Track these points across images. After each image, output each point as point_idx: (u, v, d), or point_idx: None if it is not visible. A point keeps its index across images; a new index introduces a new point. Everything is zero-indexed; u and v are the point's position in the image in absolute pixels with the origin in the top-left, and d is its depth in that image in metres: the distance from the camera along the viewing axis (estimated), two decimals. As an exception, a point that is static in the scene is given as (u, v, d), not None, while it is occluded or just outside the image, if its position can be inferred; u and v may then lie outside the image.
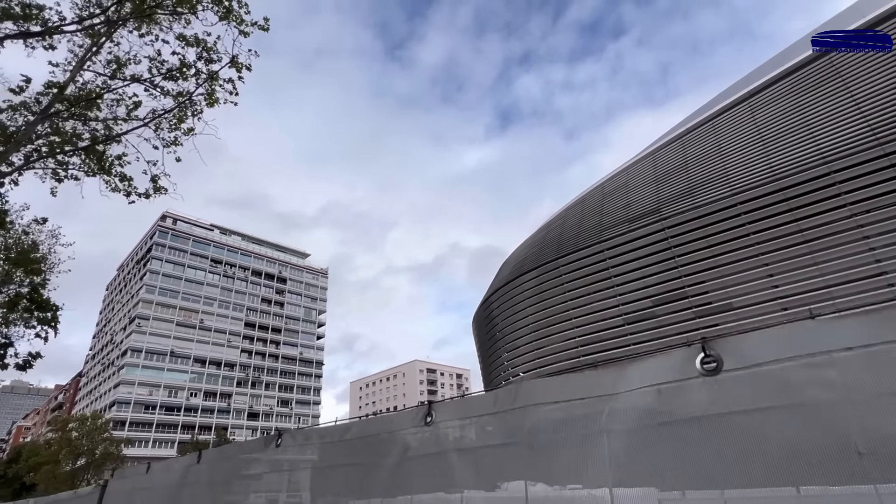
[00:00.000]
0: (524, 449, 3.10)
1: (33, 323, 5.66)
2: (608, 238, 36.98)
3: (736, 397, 2.45)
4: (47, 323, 5.73)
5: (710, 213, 31.26)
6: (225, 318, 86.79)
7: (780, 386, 2.33)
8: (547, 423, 3.10)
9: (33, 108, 6.99)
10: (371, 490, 3.62)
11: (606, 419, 3.01)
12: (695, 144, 35.06)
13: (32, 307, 5.62)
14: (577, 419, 3.16)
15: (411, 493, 3.34)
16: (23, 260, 5.91)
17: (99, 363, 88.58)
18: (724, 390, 2.51)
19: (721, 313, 29.78)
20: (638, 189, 37.25)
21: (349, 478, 3.75)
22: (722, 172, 31.64)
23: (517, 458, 3.13)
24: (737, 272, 30.05)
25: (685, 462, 2.60)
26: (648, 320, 33.51)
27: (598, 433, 2.87)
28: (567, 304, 39.21)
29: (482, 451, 3.26)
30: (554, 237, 43.24)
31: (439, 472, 3.22)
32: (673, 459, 2.61)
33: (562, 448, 3.13)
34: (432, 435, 3.37)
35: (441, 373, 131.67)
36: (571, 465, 2.98)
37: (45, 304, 5.67)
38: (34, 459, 65.00)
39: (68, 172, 7.01)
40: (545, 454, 3.09)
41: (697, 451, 2.60)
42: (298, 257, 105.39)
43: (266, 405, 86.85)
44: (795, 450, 2.24)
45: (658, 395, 2.83)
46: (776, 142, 29.99)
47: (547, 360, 39.94)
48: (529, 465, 3.06)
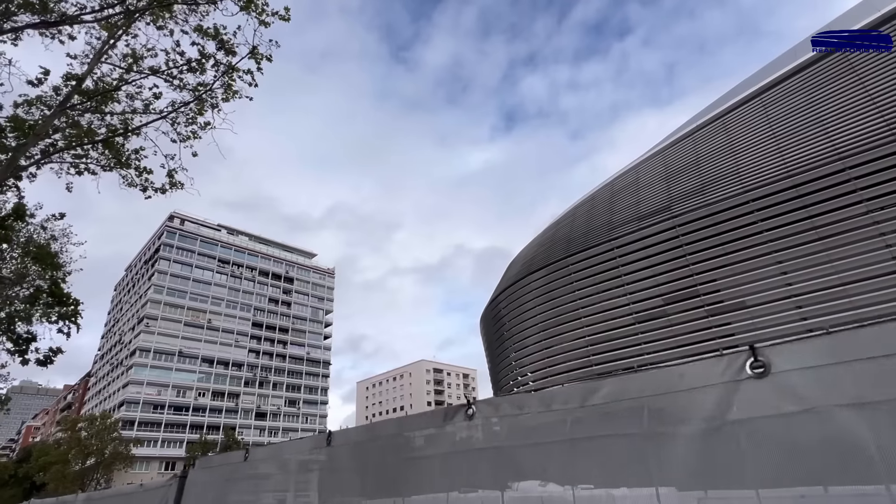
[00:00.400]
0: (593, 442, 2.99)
1: (53, 318, 5.57)
2: (618, 236, 36.73)
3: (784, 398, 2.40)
4: (68, 318, 5.63)
5: (722, 211, 30.96)
6: (232, 318, 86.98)
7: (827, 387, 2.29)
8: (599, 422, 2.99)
9: (50, 102, 6.91)
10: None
11: (663, 417, 2.89)
12: (706, 141, 34.77)
13: (53, 301, 5.54)
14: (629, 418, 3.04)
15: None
16: (42, 255, 5.82)
17: (108, 363, 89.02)
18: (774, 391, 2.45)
19: (733, 312, 29.49)
20: (648, 187, 36.98)
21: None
22: (734, 169, 31.33)
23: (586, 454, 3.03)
24: (750, 270, 29.74)
25: (753, 462, 2.46)
26: (659, 319, 33.24)
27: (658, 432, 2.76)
28: (576, 304, 38.97)
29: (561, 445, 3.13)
30: (563, 235, 43.02)
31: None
32: (734, 459, 2.50)
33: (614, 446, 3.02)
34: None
35: (448, 373, 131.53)
36: (625, 465, 2.86)
37: (66, 298, 5.58)
38: (44, 459, 65.43)
39: (88, 166, 6.92)
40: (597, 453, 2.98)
41: (761, 451, 2.44)
42: (305, 257, 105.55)
43: (274, 405, 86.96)
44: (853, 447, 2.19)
45: (713, 395, 2.68)
46: (789, 138, 29.66)
47: (556, 360, 39.74)
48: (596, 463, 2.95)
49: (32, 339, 5.56)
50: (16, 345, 5.42)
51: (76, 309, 5.70)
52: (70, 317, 5.81)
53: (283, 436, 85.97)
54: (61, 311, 5.61)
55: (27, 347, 5.43)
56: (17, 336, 5.32)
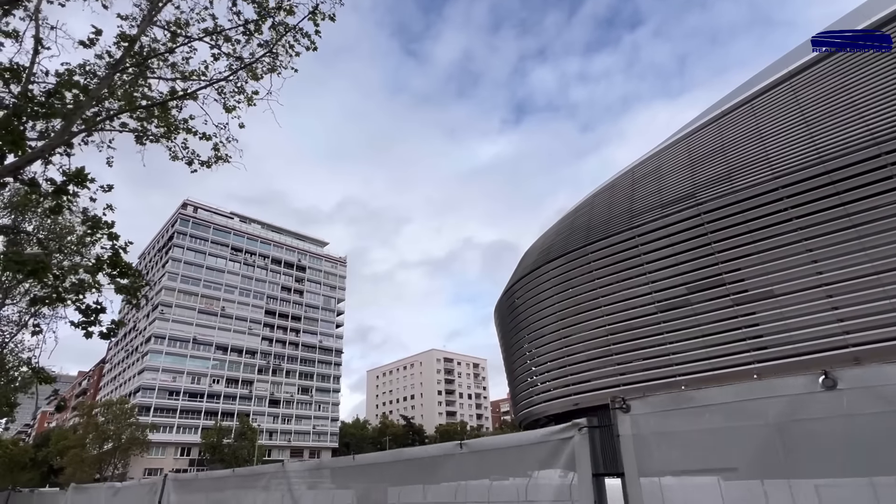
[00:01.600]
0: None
1: (113, 289, 5.29)
2: (640, 224, 36.14)
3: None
4: (127, 291, 5.35)
5: (751, 198, 30.30)
6: (246, 306, 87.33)
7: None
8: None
9: (96, 70, 6.59)
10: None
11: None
12: (732, 127, 33.97)
13: (115, 273, 5.25)
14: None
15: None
16: (97, 223, 5.52)
17: (122, 350, 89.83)
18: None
19: (761, 301, 28.95)
20: (671, 174, 36.29)
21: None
22: (763, 155, 30.60)
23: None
24: (778, 258, 29.12)
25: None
26: (683, 308, 32.74)
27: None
28: (596, 292, 38.50)
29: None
30: (582, 223, 42.43)
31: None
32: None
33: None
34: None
35: (458, 362, 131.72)
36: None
37: (128, 268, 5.29)
38: (63, 443, 66.30)
39: (141, 133, 6.62)
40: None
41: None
42: (317, 245, 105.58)
43: (287, 392, 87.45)
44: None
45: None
46: (821, 122, 28.85)
47: (574, 349, 39.39)
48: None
49: (102, 311, 5.27)
50: (85, 316, 5.13)
51: (138, 281, 5.40)
52: (134, 290, 5.51)
53: (297, 423, 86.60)
54: (120, 284, 5.31)
55: (96, 318, 5.13)
56: (86, 307, 5.02)
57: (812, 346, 26.78)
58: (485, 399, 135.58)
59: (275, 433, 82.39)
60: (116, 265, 5.10)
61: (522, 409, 48.61)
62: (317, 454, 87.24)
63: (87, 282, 5.17)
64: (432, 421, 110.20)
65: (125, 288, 5.33)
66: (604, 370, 36.40)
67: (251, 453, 65.27)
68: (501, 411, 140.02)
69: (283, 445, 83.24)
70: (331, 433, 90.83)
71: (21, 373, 22.80)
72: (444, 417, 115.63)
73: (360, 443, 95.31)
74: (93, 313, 5.11)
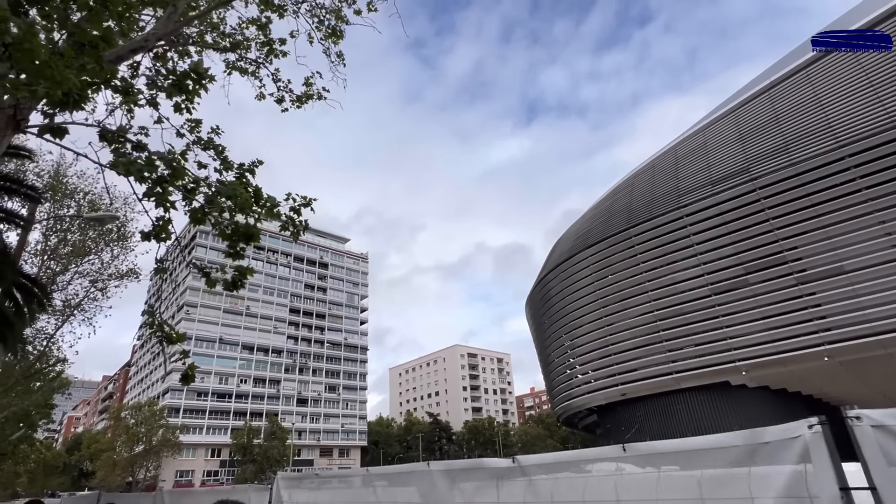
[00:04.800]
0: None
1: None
2: (688, 203, 34.46)
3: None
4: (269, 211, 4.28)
5: (812, 170, 28.52)
6: (270, 305, 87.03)
7: None
8: None
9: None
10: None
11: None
12: (786, 96, 32.12)
13: (252, 201, 4.16)
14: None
15: None
16: (210, 143, 4.45)
17: (148, 352, 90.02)
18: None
19: (829, 278, 27.19)
20: (720, 149, 34.54)
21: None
22: (824, 123, 28.75)
23: None
24: (847, 232, 27.34)
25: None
26: (741, 289, 31.07)
27: None
28: (641, 276, 36.92)
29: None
30: (622, 206, 40.79)
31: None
32: None
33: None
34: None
35: (482, 357, 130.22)
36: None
37: (257, 194, 4.15)
38: (95, 447, 66.35)
39: (241, 57, 5.60)
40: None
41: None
42: (339, 242, 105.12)
43: (314, 391, 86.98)
44: None
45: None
46: (891, 85, 26.91)
47: (618, 337, 37.84)
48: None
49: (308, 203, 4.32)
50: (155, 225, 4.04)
51: (274, 202, 4.31)
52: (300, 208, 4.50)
53: (325, 422, 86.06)
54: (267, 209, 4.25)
55: (166, 227, 4.05)
56: (159, 217, 3.95)
57: (888, 324, 24.99)
58: (510, 394, 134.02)
59: (303, 432, 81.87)
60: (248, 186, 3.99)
61: (560, 402, 47.13)
62: (346, 453, 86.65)
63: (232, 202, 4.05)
64: (458, 417, 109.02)
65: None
66: (652, 357, 34.86)
67: (282, 453, 64.67)
68: (525, 406, 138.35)
69: (312, 445, 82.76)
70: (359, 431, 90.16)
71: (57, 372, 22.00)
72: (469, 414, 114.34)
73: (387, 440, 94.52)
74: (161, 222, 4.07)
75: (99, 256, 16.19)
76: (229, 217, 4.35)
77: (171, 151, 4.18)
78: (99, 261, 16.28)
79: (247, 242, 4.54)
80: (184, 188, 4.15)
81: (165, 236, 4.41)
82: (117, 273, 16.61)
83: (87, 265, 16.19)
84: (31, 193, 9.61)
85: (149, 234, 4.44)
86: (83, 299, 16.09)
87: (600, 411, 42.61)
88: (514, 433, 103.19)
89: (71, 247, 15.24)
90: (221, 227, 4.41)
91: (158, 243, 4.51)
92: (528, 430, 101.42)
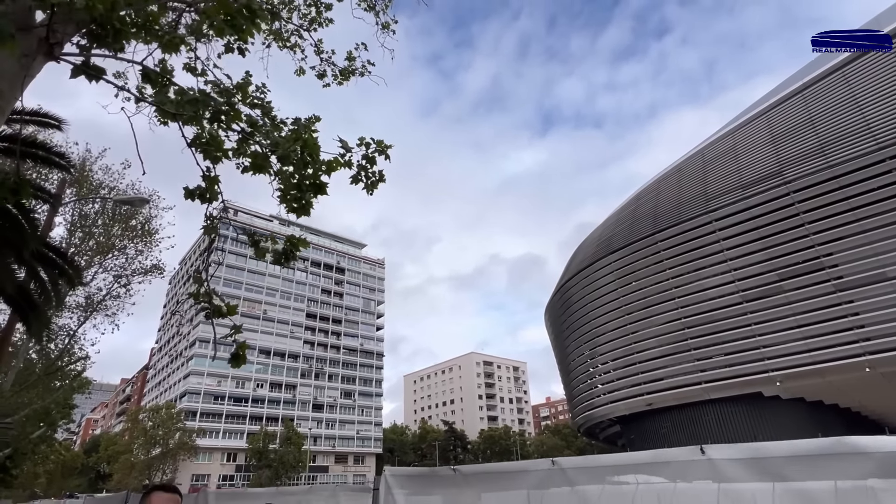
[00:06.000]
0: None
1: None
2: (717, 207, 33.50)
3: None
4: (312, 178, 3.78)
5: (850, 172, 27.47)
6: (287, 309, 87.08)
7: None
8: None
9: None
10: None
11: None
12: (822, 97, 31.12)
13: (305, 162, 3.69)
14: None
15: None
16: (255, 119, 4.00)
17: (166, 355, 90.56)
18: None
19: (869, 285, 26.03)
20: (750, 152, 33.57)
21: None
22: (863, 124, 27.70)
23: None
24: (889, 237, 26.22)
25: None
26: (774, 296, 29.99)
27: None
28: (668, 283, 35.94)
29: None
30: (646, 211, 39.87)
31: None
32: None
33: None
34: None
35: (498, 365, 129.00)
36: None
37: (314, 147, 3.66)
38: (113, 449, 66.64)
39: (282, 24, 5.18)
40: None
41: None
42: (355, 247, 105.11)
43: (330, 397, 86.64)
44: None
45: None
46: (936, 84, 25.87)
47: (643, 346, 36.83)
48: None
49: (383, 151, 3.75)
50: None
51: (347, 146, 3.81)
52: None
53: (341, 428, 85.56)
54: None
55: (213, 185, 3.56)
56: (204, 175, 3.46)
57: (934, 334, 23.79)
58: (526, 403, 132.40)
59: (319, 438, 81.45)
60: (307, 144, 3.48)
61: (581, 412, 46.06)
62: (361, 460, 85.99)
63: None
64: (473, 426, 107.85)
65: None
66: (680, 366, 33.80)
67: (298, 459, 64.27)
68: (540, 416, 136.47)
69: (328, 451, 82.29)
70: (374, 438, 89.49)
71: (78, 371, 21.79)
72: (485, 422, 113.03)
73: (401, 448, 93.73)
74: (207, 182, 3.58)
75: (124, 252, 16.01)
76: (295, 164, 3.81)
77: (225, 88, 3.72)
78: (123, 256, 16.09)
79: (316, 194, 4.01)
80: (242, 132, 3.67)
81: (211, 196, 3.94)
82: (141, 268, 16.39)
83: (111, 260, 15.99)
84: (61, 162, 8.84)
85: (193, 192, 3.97)
86: (106, 296, 15.87)
87: (623, 422, 41.47)
88: (531, 443, 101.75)
89: (95, 241, 15.05)
90: (285, 175, 3.89)
91: (204, 203, 4.03)
92: (544, 440, 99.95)
